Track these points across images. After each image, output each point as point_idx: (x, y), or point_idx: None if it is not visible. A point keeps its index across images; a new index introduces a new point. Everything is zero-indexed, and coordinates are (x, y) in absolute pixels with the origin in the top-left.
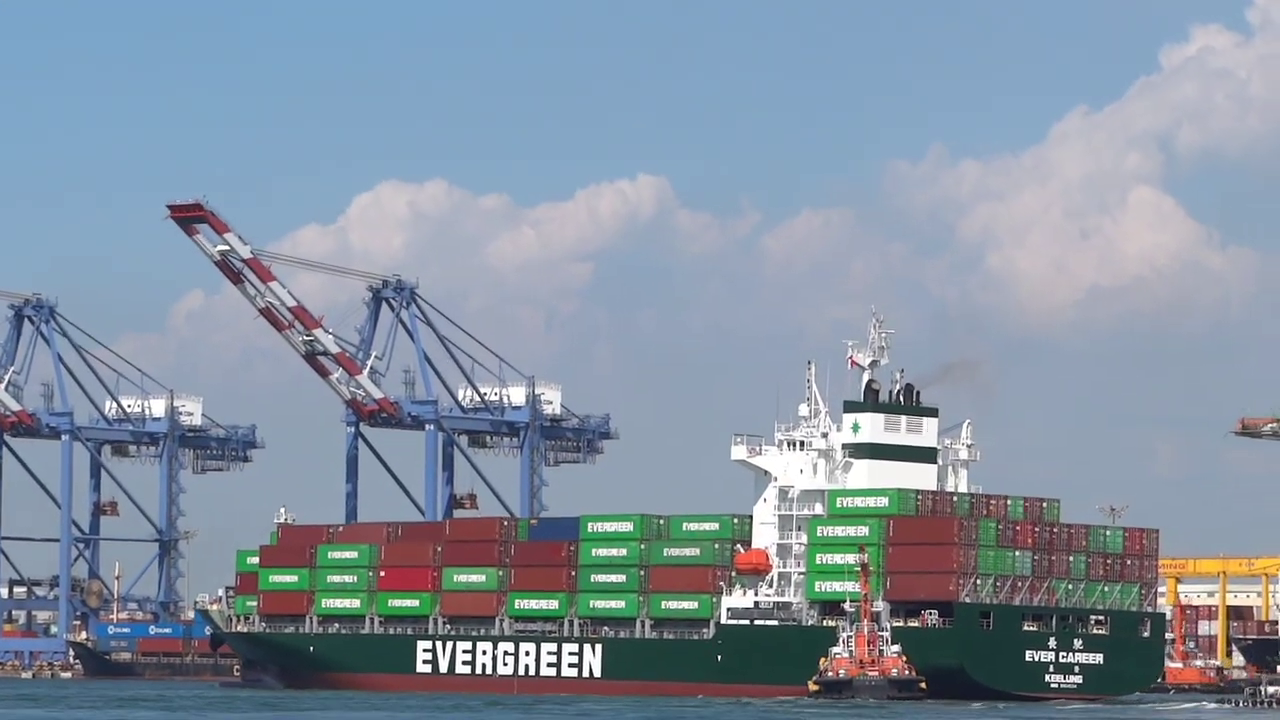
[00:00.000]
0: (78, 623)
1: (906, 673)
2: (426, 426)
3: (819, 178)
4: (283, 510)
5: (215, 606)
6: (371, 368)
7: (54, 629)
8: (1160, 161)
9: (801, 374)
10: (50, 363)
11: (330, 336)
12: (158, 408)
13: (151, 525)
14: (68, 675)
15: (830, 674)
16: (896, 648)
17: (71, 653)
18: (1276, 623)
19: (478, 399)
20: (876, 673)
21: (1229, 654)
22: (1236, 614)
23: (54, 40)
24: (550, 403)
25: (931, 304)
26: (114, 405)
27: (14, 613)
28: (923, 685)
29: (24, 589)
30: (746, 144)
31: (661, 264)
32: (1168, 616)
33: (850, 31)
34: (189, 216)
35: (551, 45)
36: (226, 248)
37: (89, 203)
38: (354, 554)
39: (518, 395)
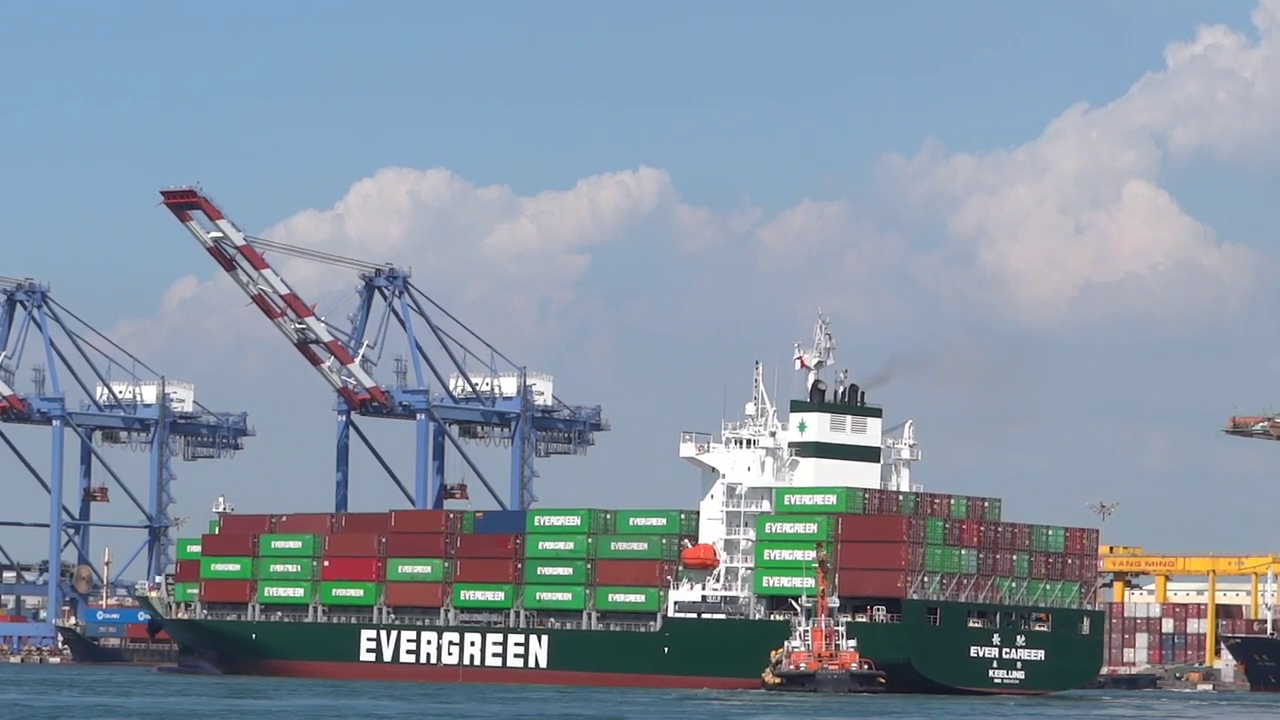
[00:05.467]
0: (67, 608)
1: (865, 667)
2: (417, 416)
3: (812, 171)
4: (221, 500)
5: (154, 594)
6: (363, 356)
7: (43, 614)
8: (1157, 158)
9: (750, 373)
10: (42, 348)
11: (322, 324)
12: (149, 394)
13: (141, 511)
14: (56, 660)
15: (790, 667)
16: (853, 642)
17: (60, 638)
18: (1265, 621)
19: (469, 389)
20: (836, 666)
21: (1217, 652)
22: (1225, 613)
23: (47, 24)
24: (542, 393)
25: (925, 298)
26: (105, 391)
27: (3, 597)
28: (882, 680)
29: (13, 574)
30: (744, 137)
31: (658, 257)
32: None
33: (849, 20)
34: (182, 203)
35: (560, 33)
36: (219, 234)
37: (82, 187)
38: (297, 544)
39: (509, 385)
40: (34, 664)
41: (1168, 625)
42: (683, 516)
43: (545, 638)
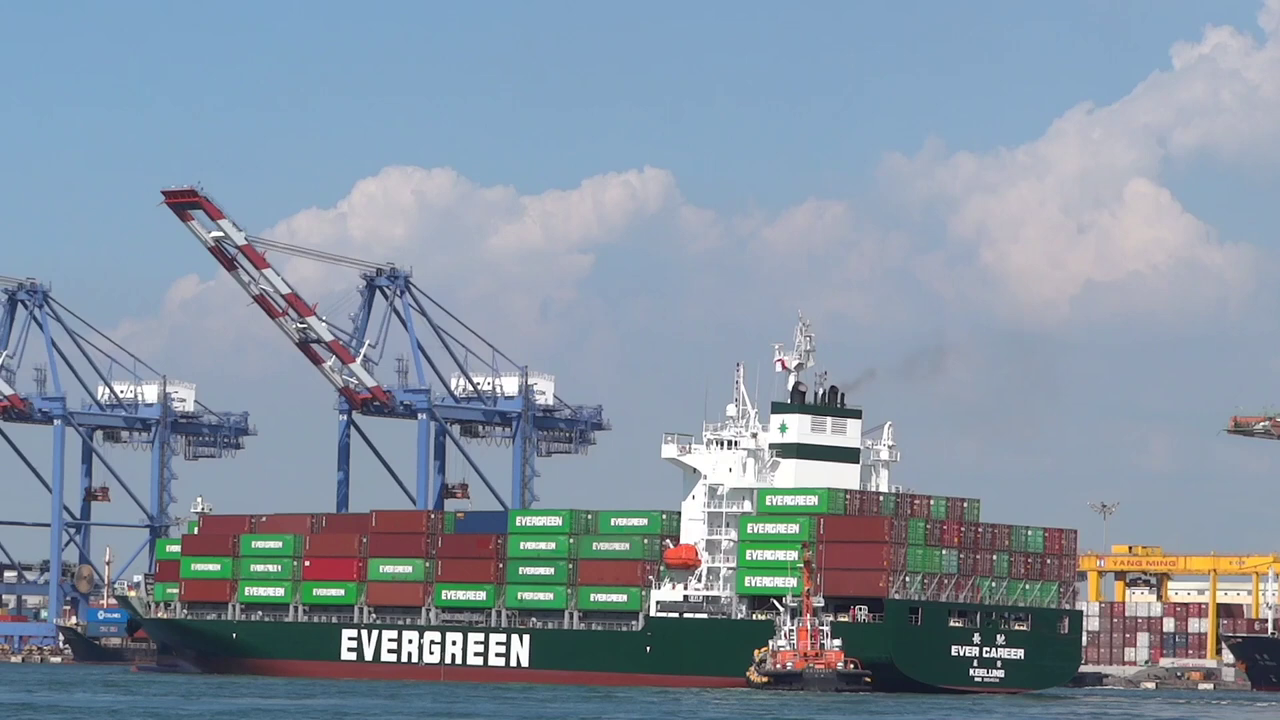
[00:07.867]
0: (68, 608)
1: (850, 666)
2: (419, 415)
3: (815, 171)
4: (199, 499)
5: (134, 593)
6: (365, 356)
7: (44, 614)
8: (1159, 157)
9: (733, 374)
10: (43, 347)
11: (324, 324)
12: (150, 393)
13: (143, 511)
14: (57, 660)
15: (776, 666)
16: (838, 641)
17: (61, 638)
18: (1266, 621)
19: (470, 388)
20: (822, 666)
21: (1219, 651)
22: (1227, 612)
23: (48, 25)
24: (543, 393)
25: (927, 298)
26: (107, 391)
27: (4, 597)
28: (868, 679)
29: (14, 573)
30: (747, 137)
31: (661, 257)
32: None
33: (851, 21)
34: (183, 202)
35: (565, 33)
36: (221, 234)
37: (84, 187)
38: (278, 544)
39: (510, 385)
40: (35, 663)
41: (1169, 625)
42: (664, 517)
43: (527, 637)
